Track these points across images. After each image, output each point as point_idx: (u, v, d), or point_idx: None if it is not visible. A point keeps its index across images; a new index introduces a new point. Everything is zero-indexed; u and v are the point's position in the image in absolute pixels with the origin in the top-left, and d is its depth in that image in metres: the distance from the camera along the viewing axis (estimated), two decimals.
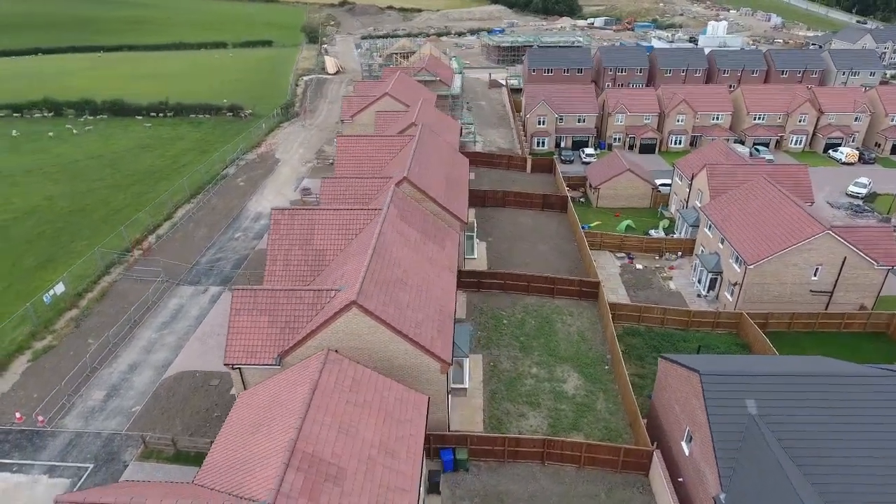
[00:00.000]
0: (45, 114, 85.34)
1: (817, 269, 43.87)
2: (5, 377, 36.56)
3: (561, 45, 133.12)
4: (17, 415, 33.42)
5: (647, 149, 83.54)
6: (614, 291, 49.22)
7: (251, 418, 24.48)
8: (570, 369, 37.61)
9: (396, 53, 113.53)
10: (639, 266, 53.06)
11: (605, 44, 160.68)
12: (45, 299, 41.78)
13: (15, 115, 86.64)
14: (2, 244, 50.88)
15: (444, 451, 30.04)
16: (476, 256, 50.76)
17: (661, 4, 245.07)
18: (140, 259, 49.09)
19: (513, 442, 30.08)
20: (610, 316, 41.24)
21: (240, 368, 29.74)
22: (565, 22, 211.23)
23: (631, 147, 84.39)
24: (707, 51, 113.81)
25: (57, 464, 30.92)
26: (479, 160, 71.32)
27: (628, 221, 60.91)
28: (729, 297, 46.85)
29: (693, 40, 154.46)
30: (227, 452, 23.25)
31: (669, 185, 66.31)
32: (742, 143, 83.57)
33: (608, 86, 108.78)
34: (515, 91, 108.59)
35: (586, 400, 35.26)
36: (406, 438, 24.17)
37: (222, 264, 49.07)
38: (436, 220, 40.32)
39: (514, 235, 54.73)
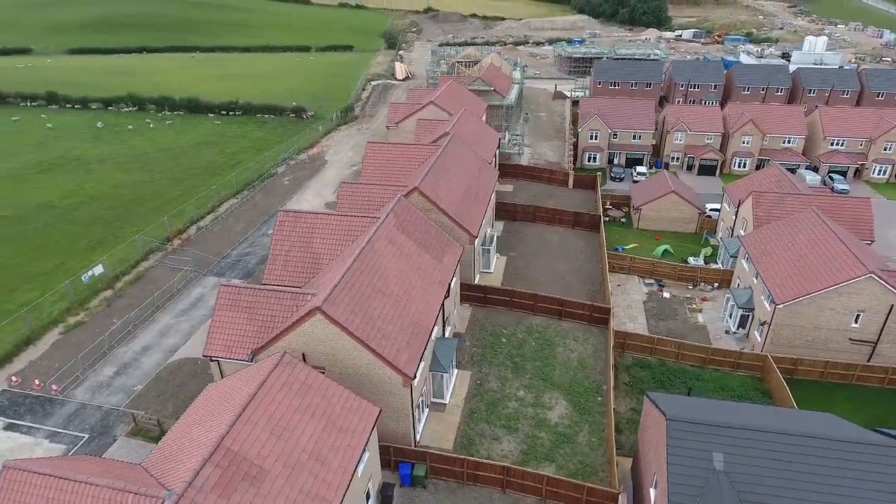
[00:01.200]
0: (130, 108, 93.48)
1: (859, 315, 39.61)
2: (38, 346, 40.41)
3: (635, 57, 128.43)
4: (36, 381, 36.84)
5: (706, 170, 78.90)
6: (633, 319, 46.89)
7: (203, 410, 25.60)
8: (559, 396, 36.26)
9: (461, 62, 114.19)
10: (666, 294, 50.21)
11: (688, 57, 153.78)
12: (83, 279, 45.75)
13: (110, 108, 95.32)
14: (66, 226, 56.23)
15: (403, 464, 29.93)
16: (492, 270, 50.13)
17: (760, 17, 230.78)
18: (178, 248, 52.56)
19: (472, 465, 29.44)
20: (611, 344, 39.37)
21: (218, 361, 31.20)
22: (651, 34, 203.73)
23: (690, 168, 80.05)
24: (793, 68, 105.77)
25: (59, 430, 33.78)
26: (520, 173, 70.39)
27: (666, 246, 57.83)
28: (759, 337, 43.31)
29: (786, 56, 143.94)
30: (174, 440, 24.47)
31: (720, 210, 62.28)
32: (816, 170, 76.94)
33: (678, 101, 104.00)
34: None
35: (569, 430, 33.84)
36: (343, 448, 24.33)
37: (248, 259, 51.54)
38: (440, 232, 40.24)
39: (536, 252, 53.53)
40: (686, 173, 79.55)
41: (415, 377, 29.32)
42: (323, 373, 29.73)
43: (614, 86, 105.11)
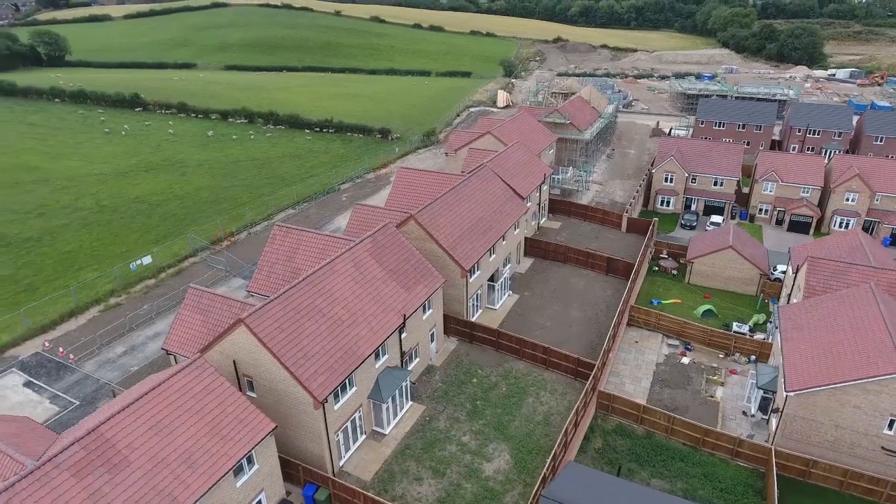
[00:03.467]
0: (241, 120, 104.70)
1: (893, 421, 32.69)
2: (78, 319, 46.79)
3: (757, 96, 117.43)
4: (61, 349, 42.68)
5: (798, 227, 69.70)
6: (636, 381, 42.84)
7: (122, 397, 28.12)
8: (505, 449, 34.25)
9: (557, 92, 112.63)
10: (685, 360, 45.18)
11: (835, 99, 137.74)
12: (132, 266, 52.15)
13: (229, 119, 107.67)
14: (145, 219, 64.49)
15: (308, 486, 30.23)
16: (497, 308, 48.74)
17: None
18: (222, 249, 57.86)
19: (370, 500, 28.89)
20: (581, 403, 36.33)
21: (174, 355, 33.99)
22: (798, 71, 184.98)
23: (779, 222, 71.27)
24: None
25: (60, 394, 38.81)
26: (573, 211, 67.65)
27: (709, 306, 52.05)
28: (774, 425, 37.42)
29: None
30: (95, 416, 27.18)
31: None
32: None
33: (793, 148, 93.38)
34: None
35: (499, 487, 31.83)
36: (218, 456, 25.34)
37: None
38: (422, 262, 40.16)
39: (554, 295, 51.05)
40: (774, 228, 70.93)
41: (326, 401, 29.63)
42: (251, 382, 31.28)
43: (719, 126, 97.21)
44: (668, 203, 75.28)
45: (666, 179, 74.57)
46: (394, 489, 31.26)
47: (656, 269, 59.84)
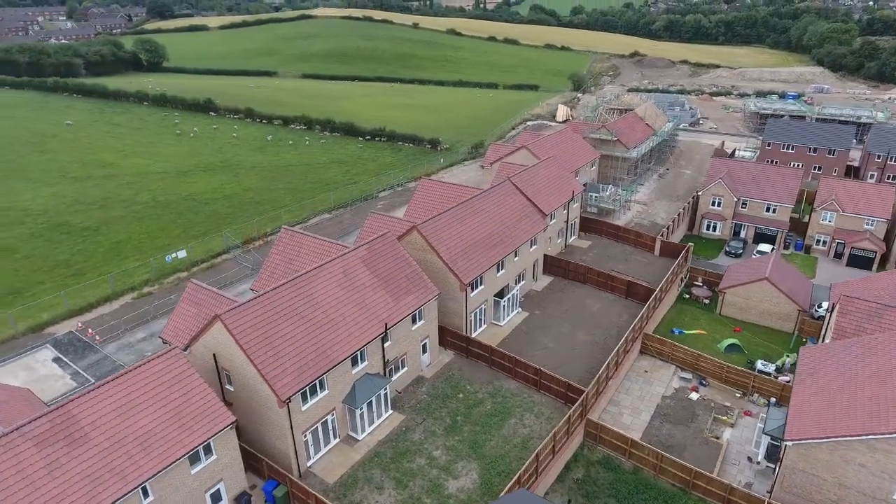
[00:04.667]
0: (300, 126, 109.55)
1: None
2: (112, 304, 50.76)
3: (839, 118, 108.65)
4: (90, 331, 46.45)
5: (858, 262, 63.70)
6: (636, 413, 40.77)
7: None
8: (475, 469, 33.67)
9: (616, 108, 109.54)
10: (693, 396, 42.49)
11: None
12: (167, 259, 55.92)
13: (291, 125, 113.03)
14: (192, 216, 68.96)
15: (270, 481, 31.12)
16: (503, 324, 48.03)
17: None
18: (252, 248, 60.79)
19: (320, 503, 29.30)
20: (563, 430, 35.04)
21: (169, 344, 36.13)
22: None
23: (838, 256, 65.47)
24: None
25: (81, 372, 42.22)
26: (605, 230, 65.51)
27: (735, 341, 48.72)
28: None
29: None
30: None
31: None
32: None
33: (873, 176, 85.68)
34: None
35: None
36: (173, 442, 26.69)
37: None
38: (417, 273, 40.34)
39: (565, 316, 49.62)
40: (831, 262, 65.25)
41: (290, 401, 30.45)
42: (228, 376, 32.72)
43: (788, 148, 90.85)
44: (715, 228, 71.14)
45: (713, 203, 70.57)
46: (353, 495, 31.53)
47: (687, 296, 56.76)
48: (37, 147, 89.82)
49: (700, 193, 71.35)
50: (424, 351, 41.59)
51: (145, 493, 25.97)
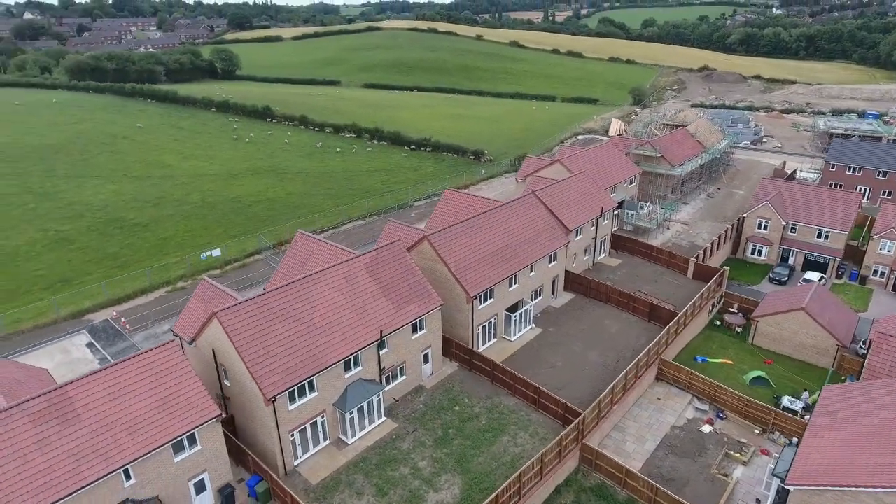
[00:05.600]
0: (350, 134, 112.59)
1: None
2: (147, 296, 54.03)
3: None
4: (122, 320, 49.61)
5: None
6: (640, 442, 39.10)
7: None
8: (458, 483, 33.31)
9: (669, 123, 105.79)
10: (706, 429, 40.23)
11: None
12: (202, 256, 58.92)
13: (341, 133, 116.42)
14: (234, 216, 72.33)
15: (255, 476, 32.07)
16: (513, 340, 47.36)
17: None
18: (283, 251, 62.97)
19: (296, 503, 29.89)
20: (555, 452, 34.10)
21: (179, 337, 38.07)
22: None
23: None
24: None
25: (108, 357, 45.16)
26: (637, 250, 63.31)
27: (760, 373, 45.83)
28: None
29: None
30: None
31: None
32: None
33: None
34: None
35: None
36: (159, 429, 28.07)
37: None
38: (422, 283, 40.51)
39: (580, 335, 48.33)
40: (889, 294, 60.19)
41: (275, 399, 31.32)
42: (225, 371, 34.09)
43: (853, 171, 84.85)
44: (761, 252, 67.25)
45: (759, 226, 66.79)
46: (332, 498, 31.95)
47: (719, 323, 53.97)
48: (108, 147, 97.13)
49: (746, 215, 67.72)
50: (426, 361, 41.66)
51: (127, 476, 27.43)
